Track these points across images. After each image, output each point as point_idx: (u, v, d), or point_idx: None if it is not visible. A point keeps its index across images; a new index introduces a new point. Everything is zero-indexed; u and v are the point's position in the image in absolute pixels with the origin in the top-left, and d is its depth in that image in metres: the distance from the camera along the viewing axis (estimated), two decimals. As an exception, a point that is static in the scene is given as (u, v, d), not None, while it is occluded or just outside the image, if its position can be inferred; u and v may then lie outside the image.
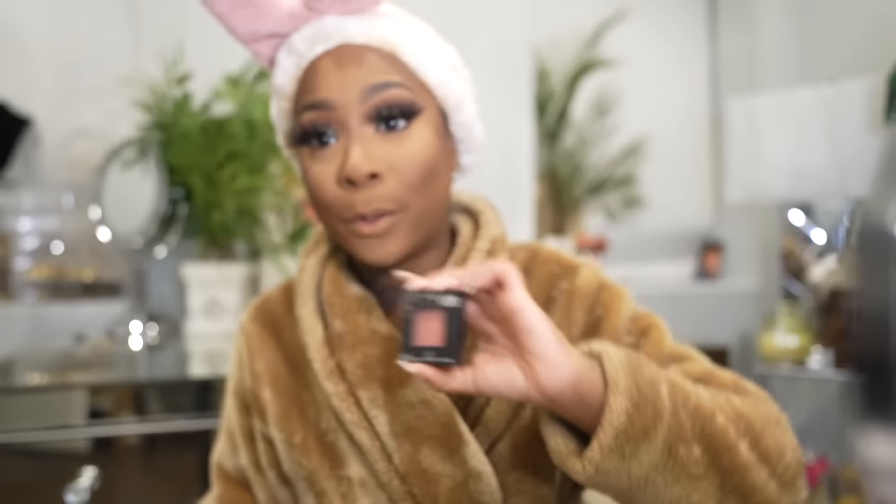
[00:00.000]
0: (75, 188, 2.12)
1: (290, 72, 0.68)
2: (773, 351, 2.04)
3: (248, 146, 1.87)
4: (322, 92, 0.65)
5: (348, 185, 0.64)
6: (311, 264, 0.76)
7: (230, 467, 0.81)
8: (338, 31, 0.66)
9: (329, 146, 0.66)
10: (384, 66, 0.66)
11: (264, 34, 0.68)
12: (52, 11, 2.19)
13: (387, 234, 0.65)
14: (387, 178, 0.64)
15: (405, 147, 0.65)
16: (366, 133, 0.65)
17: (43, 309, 2.03)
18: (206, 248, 1.97)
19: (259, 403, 0.76)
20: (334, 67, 0.65)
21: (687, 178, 2.71)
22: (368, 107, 0.65)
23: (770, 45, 2.50)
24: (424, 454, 0.67)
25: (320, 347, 0.71)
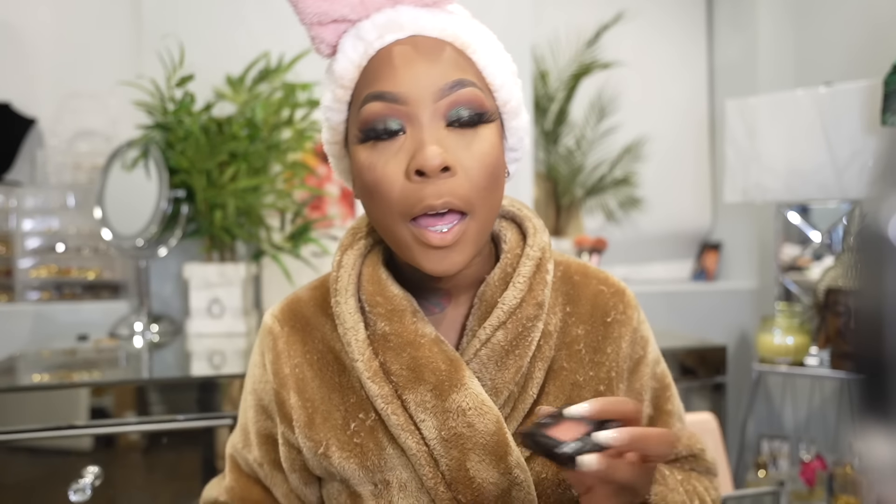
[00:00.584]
0: (78, 189, 2.13)
1: (354, 59, 0.65)
2: (770, 350, 2.05)
3: (249, 147, 1.88)
4: (394, 84, 0.62)
5: (418, 178, 0.61)
6: (350, 261, 0.72)
7: (241, 461, 0.80)
8: (412, 21, 0.64)
9: (395, 139, 0.63)
10: (459, 63, 0.64)
11: (332, 18, 0.65)
12: (56, 14, 2.20)
13: (454, 244, 0.63)
14: (458, 174, 0.62)
15: (474, 147, 0.63)
16: (438, 128, 0.63)
17: (46, 308, 2.04)
18: (208, 248, 1.98)
19: (284, 409, 0.73)
20: (408, 60, 0.63)
21: (685, 179, 2.72)
22: (443, 104, 0.63)
23: (768, 48, 2.51)
24: (472, 461, 0.66)
25: (364, 348, 0.68)
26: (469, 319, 0.71)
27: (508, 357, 0.68)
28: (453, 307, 0.73)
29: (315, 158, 2.23)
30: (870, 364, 0.32)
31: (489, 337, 0.68)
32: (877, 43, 2.09)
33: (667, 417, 0.78)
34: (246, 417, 0.80)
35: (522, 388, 0.70)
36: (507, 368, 0.68)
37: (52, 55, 2.19)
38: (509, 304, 0.68)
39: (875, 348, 0.31)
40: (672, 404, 0.79)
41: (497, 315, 0.68)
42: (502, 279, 0.71)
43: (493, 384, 0.68)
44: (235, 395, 1.43)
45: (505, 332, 0.68)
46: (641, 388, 0.76)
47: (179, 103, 1.86)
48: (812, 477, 1.93)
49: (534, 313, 0.69)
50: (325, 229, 2.24)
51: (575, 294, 0.75)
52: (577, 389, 0.71)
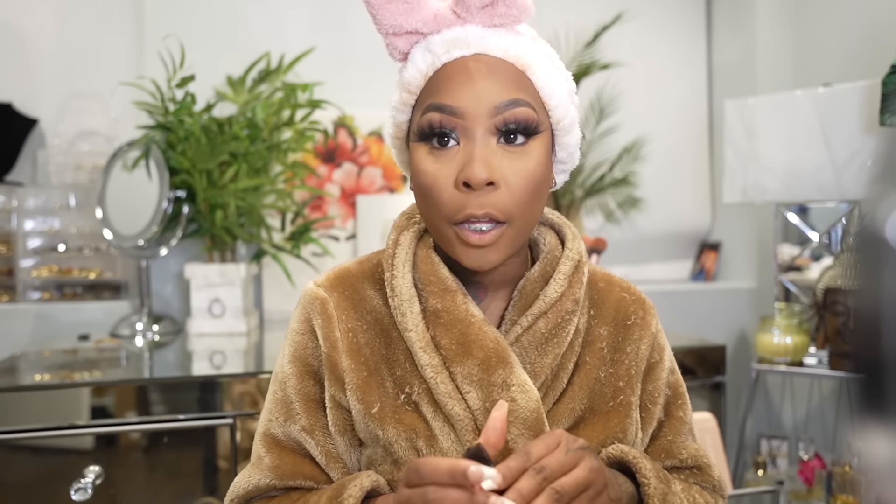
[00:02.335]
0: (79, 189, 2.13)
1: (422, 69, 0.71)
2: (769, 350, 2.06)
3: (250, 147, 1.89)
4: (453, 98, 0.68)
5: (465, 189, 0.67)
6: (406, 240, 0.77)
7: (282, 436, 0.78)
8: (479, 40, 0.69)
9: (449, 148, 0.69)
10: (516, 84, 0.69)
11: (406, 30, 0.71)
12: (57, 15, 2.20)
13: (491, 245, 0.69)
14: (501, 188, 0.68)
15: (521, 162, 0.69)
16: (489, 143, 0.68)
17: (47, 308, 2.04)
18: (209, 248, 1.98)
19: (336, 371, 0.75)
20: (469, 77, 0.68)
21: (685, 180, 2.73)
22: (497, 121, 0.68)
23: (767, 48, 2.51)
24: (513, 434, 0.70)
25: (418, 320, 0.73)
26: (508, 311, 0.77)
27: (548, 344, 0.74)
28: (491, 299, 0.78)
29: (315, 159, 2.23)
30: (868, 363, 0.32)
31: (531, 324, 0.74)
32: (875, 44, 2.10)
33: (677, 423, 0.81)
34: (285, 390, 0.78)
35: (555, 376, 0.75)
36: (546, 354, 0.74)
37: (53, 56, 2.20)
38: (551, 297, 0.74)
39: (874, 348, 0.32)
40: (683, 412, 0.82)
41: (539, 305, 0.74)
42: (542, 276, 0.77)
43: (532, 368, 0.73)
44: (236, 394, 1.43)
45: (546, 321, 0.74)
46: (654, 391, 0.80)
47: (180, 104, 1.86)
48: (811, 476, 1.94)
49: (571, 308, 0.75)
50: (326, 229, 2.25)
51: (599, 299, 0.81)
52: (598, 384, 0.77)
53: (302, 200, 2.16)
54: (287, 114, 2.01)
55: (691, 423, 0.83)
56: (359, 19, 2.31)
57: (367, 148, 2.29)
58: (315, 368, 0.78)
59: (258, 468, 0.77)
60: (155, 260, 2.07)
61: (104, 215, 1.95)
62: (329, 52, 2.21)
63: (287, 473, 0.76)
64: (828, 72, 2.27)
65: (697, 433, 0.86)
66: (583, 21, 2.32)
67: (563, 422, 0.74)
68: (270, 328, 2.03)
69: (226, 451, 1.41)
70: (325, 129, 2.08)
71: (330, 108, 2.07)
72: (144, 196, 1.89)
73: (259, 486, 0.76)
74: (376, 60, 2.34)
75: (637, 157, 2.49)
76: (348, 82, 2.21)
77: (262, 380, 1.43)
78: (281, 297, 2.18)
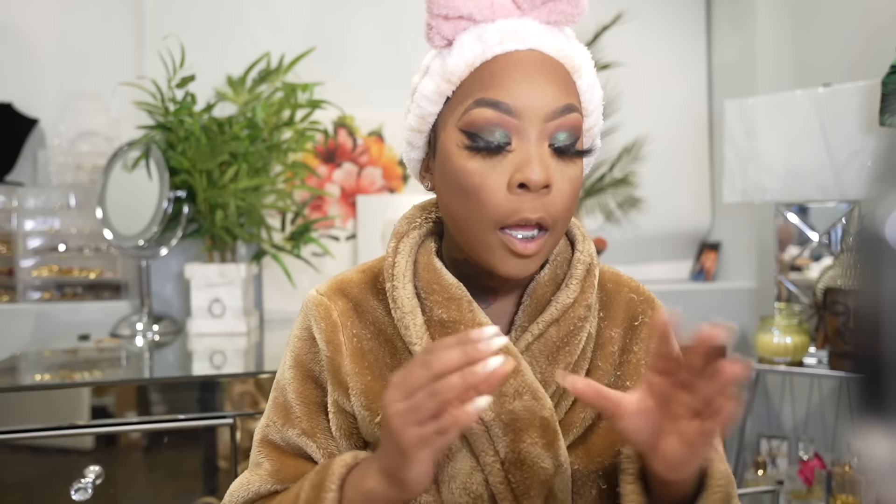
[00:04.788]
0: (79, 189, 2.13)
1: (469, 58, 0.66)
2: (769, 350, 2.06)
3: (250, 147, 1.89)
4: (509, 95, 0.64)
5: (519, 191, 0.64)
6: (406, 248, 0.74)
7: (280, 441, 0.76)
8: (535, 35, 0.66)
9: (501, 149, 0.65)
10: (569, 87, 0.67)
11: (460, 14, 0.66)
12: (57, 15, 2.20)
13: (534, 255, 0.67)
14: (553, 193, 0.65)
15: (569, 170, 0.67)
16: (544, 148, 0.65)
17: (47, 308, 2.04)
18: (209, 248, 1.98)
19: (339, 376, 0.73)
20: (527, 75, 0.65)
21: (684, 180, 2.73)
22: (552, 126, 0.65)
23: (766, 49, 2.51)
24: (526, 443, 0.68)
25: (422, 332, 0.71)
26: (518, 316, 0.74)
27: (559, 353, 0.71)
28: (499, 304, 0.76)
29: (315, 159, 2.23)
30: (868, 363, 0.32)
31: (542, 332, 0.71)
32: (875, 44, 2.10)
33: None
34: (285, 395, 0.76)
35: None
36: (557, 364, 0.71)
37: (53, 56, 2.20)
38: (563, 303, 0.72)
39: (874, 348, 0.32)
40: None
41: (551, 312, 0.71)
42: (552, 279, 0.74)
43: (542, 377, 0.71)
44: (236, 394, 1.43)
45: (558, 328, 0.71)
46: None
47: (180, 104, 1.86)
48: (811, 476, 1.94)
49: (584, 314, 0.72)
50: (326, 229, 2.25)
51: (608, 301, 0.79)
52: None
53: (302, 200, 2.16)
54: (287, 114, 2.01)
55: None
56: (359, 19, 2.31)
57: (367, 148, 2.29)
58: (316, 374, 0.76)
59: (257, 474, 0.75)
60: (155, 260, 2.07)
61: (104, 215, 1.95)
62: (329, 52, 2.21)
63: (288, 477, 0.74)
64: (828, 72, 2.26)
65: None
66: (583, 21, 2.32)
67: (575, 430, 0.72)
68: (270, 328, 2.03)
69: (226, 451, 1.41)
70: (325, 129, 2.08)
71: (330, 108, 2.07)
72: (144, 196, 1.89)
73: (259, 493, 0.74)
74: (376, 60, 2.35)
75: (637, 157, 2.49)
76: (348, 82, 2.21)
77: (262, 380, 1.43)
78: (281, 297, 2.18)
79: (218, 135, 1.87)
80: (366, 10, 2.30)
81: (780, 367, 2.04)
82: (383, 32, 2.31)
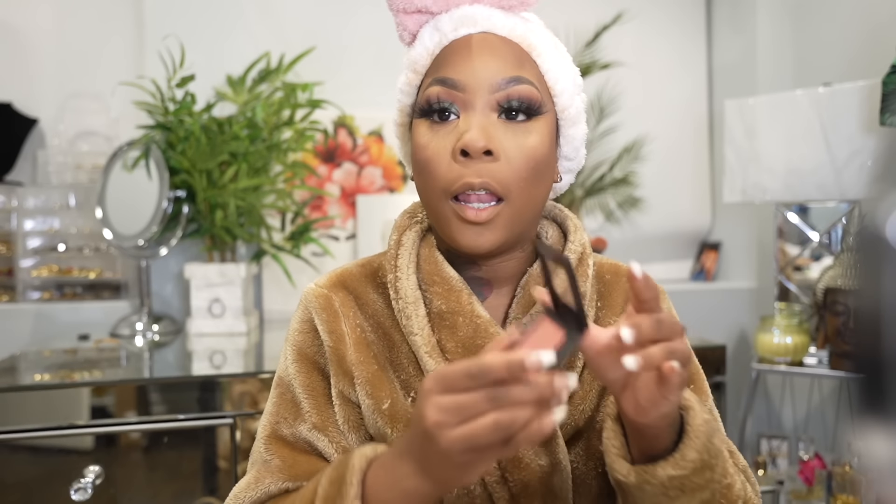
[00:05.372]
0: (79, 189, 2.13)
1: (429, 48, 0.71)
2: (769, 350, 2.06)
3: (250, 147, 1.89)
4: (455, 71, 0.68)
5: (462, 158, 0.67)
6: (409, 241, 0.76)
7: (290, 437, 0.74)
8: (486, 18, 0.70)
9: (449, 122, 0.69)
10: (520, 62, 0.69)
11: (416, 8, 0.71)
12: (57, 15, 2.20)
13: (487, 223, 0.67)
14: (500, 160, 0.67)
15: (521, 138, 0.68)
16: (489, 117, 0.68)
17: (47, 308, 2.04)
18: (209, 247, 1.98)
19: (344, 365, 0.73)
20: (473, 51, 0.69)
21: (685, 179, 2.73)
22: (498, 96, 0.68)
23: (767, 48, 2.51)
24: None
25: (424, 323, 0.71)
26: (512, 308, 0.74)
27: None
28: (494, 297, 0.76)
29: (315, 158, 2.23)
30: (868, 363, 0.32)
31: None
32: (875, 43, 2.10)
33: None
34: (292, 391, 0.75)
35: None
36: None
37: (53, 56, 2.20)
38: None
39: (874, 348, 0.32)
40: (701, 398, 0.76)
41: None
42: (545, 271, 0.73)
43: None
44: (236, 394, 1.43)
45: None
46: None
47: (180, 103, 1.86)
48: (811, 476, 1.94)
49: None
50: (326, 229, 2.25)
51: (606, 291, 0.79)
52: None
53: (302, 200, 2.16)
54: (287, 114, 2.01)
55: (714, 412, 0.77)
56: (359, 19, 2.31)
57: (367, 148, 2.29)
58: (322, 365, 0.75)
59: (266, 472, 0.72)
60: (155, 260, 2.07)
61: (104, 215, 1.95)
62: (329, 52, 2.21)
63: (301, 474, 0.71)
64: (828, 72, 2.26)
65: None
66: (583, 21, 2.32)
67: (572, 424, 0.72)
68: (270, 328, 2.03)
69: (226, 451, 1.41)
70: (325, 129, 2.08)
71: (330, 108, 2.07)
72: (144, 196, 1.89)
73: (270, 492, 0.71)
74: (376, 60, 2.35)
75: (637, 157, 2.49)
76: (348, 82, 2.21)
77: (261, 380, 1.43)
78: (281, 297, 2.18)
79: (218, 135, 1.87)
80: (366, 10, 2.30)
81: (781, 367, 2.04)
82: (383, 32, 2.30)
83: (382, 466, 0.59)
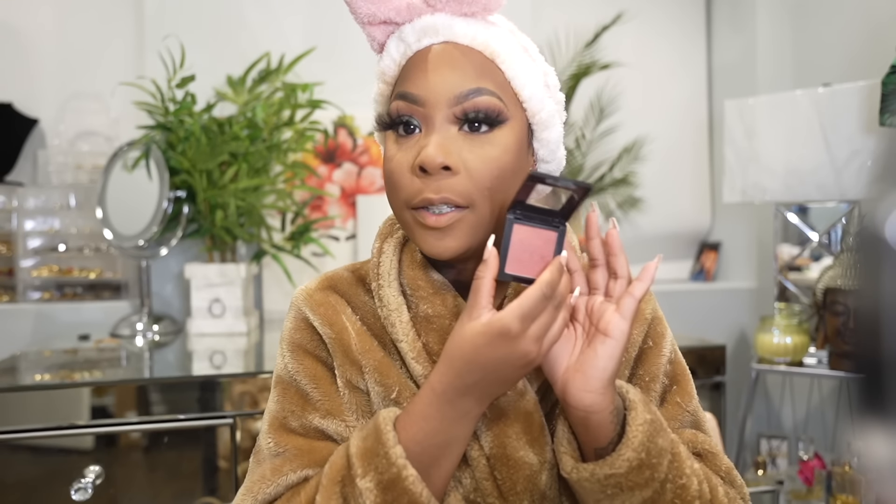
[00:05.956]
0: (79, 189, 2.13)
1: (396, 59, 0.71)
2: (769, 350, 2.06)
3: (250, 147, 1.89)
4: (415, 86, 0.69)
5: (421, 174, 0.67)
6: (390, 247, 0.76)
7: (300, 428, 0.72)
8: (446, 28, 0.69)
9: (412, 135, 0.69)
10: (480, 72, 0.69)
11: (380, 19, 0.71)
12: (58, 15, 2.20)
13: (448, 229, 0.67)
14: (459, 174, 0.67)
15: (483, 149, 0.68)
16: (448, 131, 0.68)
17: (47, 308, 2.04)
18: (209, 248, 1.98)
19: (350, 354, 0.73)
20: (432, 65, 0.69)
21: (684, 180, 2.73)
22: (457, 110, 0.68)
23: (766, 49, 2.51)
24: (511, 439, 0.69)
25: (408, 329, 0.71)
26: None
27: None
28: None
29: (315, 158, 2.23)
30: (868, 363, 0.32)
31: None
32: (875, 44, 2.10)
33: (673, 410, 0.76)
34: (297, 385, 0.74)
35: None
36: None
37: (53, 56, 2.20)
38: None
39: (874, 348, 0.32)
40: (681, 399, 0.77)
41: None
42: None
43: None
44: (236, 394, 1.43)
45: None
46: (646, 375, 0.76)
47: (180, 104, 1.86)
48: (811, 476, 1.94)
49: None
50: (326, 229, 2.25)
51: None
52: None
53: (302, 200, 2.16)
54: (287, 114, 2.01)
55: (697, 415, 0.77)
56: (359, 19, 2.31)
57: (367, 148, 2.29)
58: (323, 358, 0.75)
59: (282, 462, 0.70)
60: (155, 260, 2.07)
61: (104, 215, 1.95)
62: (329, 52, 2.21)
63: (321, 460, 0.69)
64: (828, 72, 2.27)
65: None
66: (583, 21, 2.32)
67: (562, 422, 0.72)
68: (270, 328, 2.03)
69: (226, 451, 1.41)
70: (325, 129, 2.08)
71: (330, 108, 2.07)
72: (144, 196, 1.89)
73: (289, 483, 0.69)
74: (376, 60, 2.35)
75: (637, 157, 2.49)
76: (348, 82, 2.21)
77: (262, 380, 1.43)
78: (281, 297, 2.18)
79: (218, 135, 1.87)
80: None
81: (780, 367, 2.04)
82: (383, 32, 2.31)
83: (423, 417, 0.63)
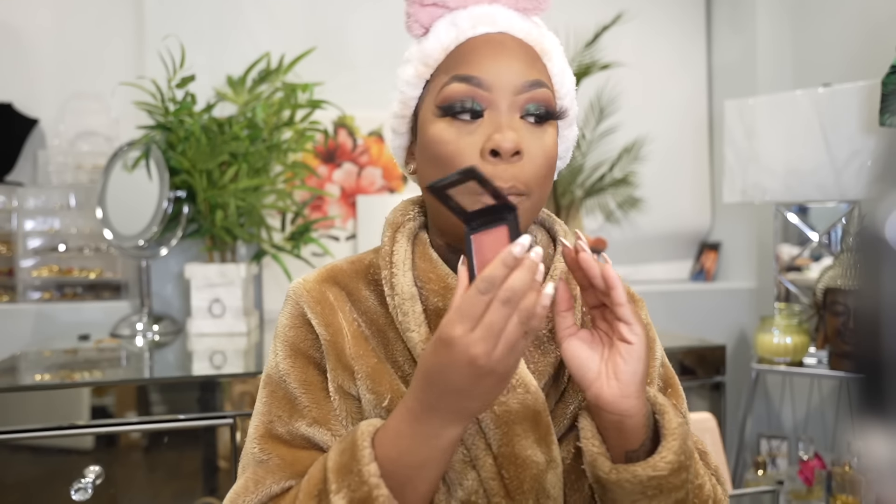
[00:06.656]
0: (79, 189, 2.13)
1: (445, 42, 0.71)
2: (769, 350, 2.06)
3: (250, 147, 1.89)
4: (481, 70, 0.69)
5: (492, 158, 0.67)
6: (403, 237, 0.75)
7: (287, 435, 0.71)
8: (505, 19, 0.71)
9: (474, 120, 0.69)
10: (537, 66, 0.71)
11: (432, 1, 0.72)
12: (57, 16, 2.20)
13: None
14: (525, 160, 0.68)
15: (541, 140, 0.69)
16: (514, 118, 0.69)
17: (47, 308, 2.04)
18: (209, 248, 1.98)
19: (343, 359, 0.72)
20: (497, 52, 0.69)
21: (684, 180, 2.73)
22: (521, 98, 0.69)
23: (766, 49, 2.51)
24: (518, 438, 0.68)
25: (421, 320, 0.71)
26: None
27: (549, 343, 0.73)
28: None
29: (315, 159, 2.23)
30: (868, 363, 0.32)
31: None
32: (875, 44, 2.10)
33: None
34: (286, 388, 0.73)
35: (556, 376, 0.73)
36: (549, 354, 0.72)
37: (53, 56, 2.20)
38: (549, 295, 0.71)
39: (874, 348, 0.32)
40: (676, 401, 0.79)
41: None
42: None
43: (535, 368, 0.72)
44: (236, 394, 1.43)
45: (547, 320, 0.72)
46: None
47: (180, 104, 1.86)
48: (811, 476, 1.94)
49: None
50: (326, 229, 2.25)
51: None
52: None
53: (302, 200, 2.16)
54: (287, 114, 2.01)
55: (687, 416, 0.81)
56: (359, 20, 2.31)
57: (367, 148, 2.29)
58: (317, 360, 0.74)
59: (265, 472, 0.69)
60: (155, 260, 2.07)
61: (104, 215, 1.95)
62: (329, 52, 2.21)
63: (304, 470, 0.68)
64: (828, 72, 2.27)
65: (698, 433, 0.84)
66: (583, 21, 2.32)
67: (564, 421, 0.73)
68: (270, 328, 2.03)
69: (226, 451, 1.41)
70: (325, 129, 2.08)
71: (330, 109, 2.07)
72: (144, 196, 1.90)
73: (271, 493, 0.68)
74: (376, 60, 2.35)
75: (637, 157, 2.49)
76: (348, 82, 2.21)
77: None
78: (281, 297, 2.19)
79: (218, 135, 1.87)
80: (366, 10, 2.30)
81: (780, 367, 2.04)
82: (383, 32, 2.31)
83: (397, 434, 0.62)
